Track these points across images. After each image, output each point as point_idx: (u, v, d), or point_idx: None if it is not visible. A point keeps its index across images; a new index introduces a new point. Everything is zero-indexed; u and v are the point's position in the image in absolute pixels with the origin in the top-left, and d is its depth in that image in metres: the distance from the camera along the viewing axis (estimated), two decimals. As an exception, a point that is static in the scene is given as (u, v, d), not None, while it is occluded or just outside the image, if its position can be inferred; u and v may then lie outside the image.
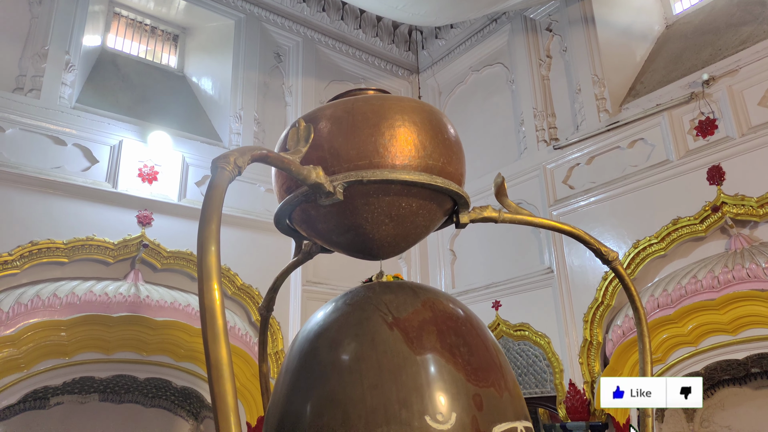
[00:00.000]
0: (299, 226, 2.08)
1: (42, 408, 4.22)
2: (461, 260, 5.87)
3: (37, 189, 4.11)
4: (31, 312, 3.72)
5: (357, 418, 1.56)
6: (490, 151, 5.69)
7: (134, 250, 4.32)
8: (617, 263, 2.09)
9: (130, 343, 3.93)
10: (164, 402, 4.71)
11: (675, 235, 4.10)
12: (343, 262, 5.21)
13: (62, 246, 4.02)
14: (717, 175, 4.03)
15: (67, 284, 3.96)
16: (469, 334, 1.82)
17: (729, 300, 3.63)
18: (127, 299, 4.03)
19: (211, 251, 1.20)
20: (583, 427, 4.24)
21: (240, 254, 4.80)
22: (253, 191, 5.15)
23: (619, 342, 4.15)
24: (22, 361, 3.59)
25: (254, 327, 4.73)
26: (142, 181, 4.55)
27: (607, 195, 4.65)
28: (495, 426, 1.62)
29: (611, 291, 4.37)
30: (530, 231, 5.23)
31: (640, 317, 2.07)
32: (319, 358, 1.76)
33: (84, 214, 4.24)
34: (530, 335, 4.89)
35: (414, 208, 1.91)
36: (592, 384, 4.31)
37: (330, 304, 1.98)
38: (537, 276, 5.03)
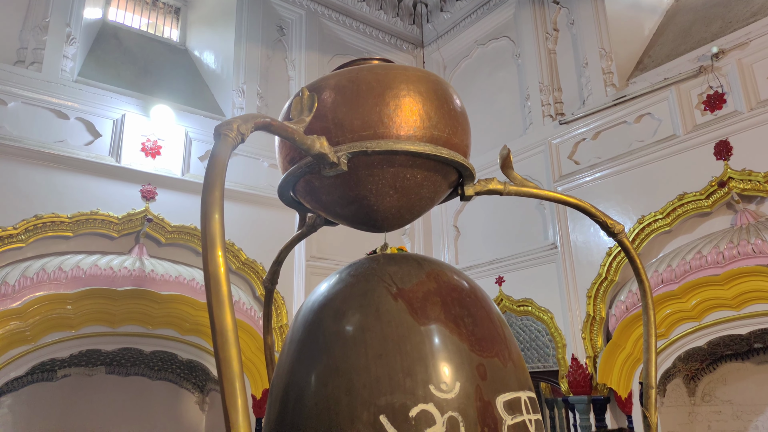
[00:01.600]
0: (303, 198, 2.07)
1: (49, 380, 4.28)
2: (465, 236, 5.87)
3: (40, 163, 4.10)
4: (37, 285, 3.75)
5: (361, 387, 1.57)
6: (495, 127, 5.64)
7: (138, 224, 4.33)
8: (623, 236, 2.07)
9: (136, 317, 3.95)
10: (170, 375, 4.76)
11: (680, 211, 4.08)
12: (346, 237, 5.23)
13: (66, 220, 4.03)
14: (724, 150, 3.99)
15: (72, 258, 3.98)
16: (473, 305, 1.81)
17: (733, 275, 3.63)
18: (132, 273, 4.05)
19: (215, 219, 1.19)
20: (585, 401, 4.27)
21: (244, 229, 4.81)
22: (256, 166, 5.14)
23: (623, 317, 4.16)
24: (29, 334, 3.62)
25: (258, 301, 4.75)
26: (145, 155, 4.54)
27: (612, 170, 4.62)
28: (499, 395, 1.63)
29: (615, 267, 4.37)
30: (534, 207, 5.21)
31: (645, 290, 2.07)
32: (323, 328, 1.76)
33: (88, 188, 4.24)
34: (533, 310, 4.91)
35: (419, 180, 1.89)
36: (595, 359, 4.34)
37: (334, 275, 1.98)
38: (541, 252, 5.02)
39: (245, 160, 5.06)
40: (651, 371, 1.99)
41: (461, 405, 1.56)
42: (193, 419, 4.85)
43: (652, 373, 1.98)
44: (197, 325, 4.18)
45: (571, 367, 4.41)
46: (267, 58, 5.61)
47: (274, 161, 5.14)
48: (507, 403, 1.64)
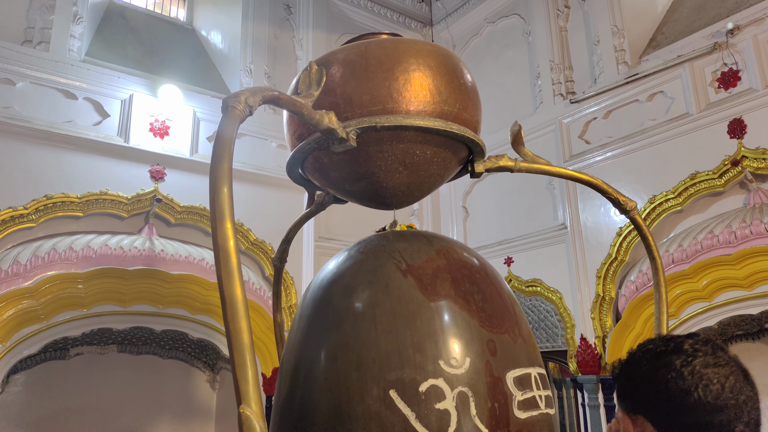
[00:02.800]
0: (312, 175, 2.06)
1: (62, 358, 4.34)
2: (474, 217, 5.85)
3: (49, 143, 4.11)
4: (48, 265, 3.77)
5: (371, 362, 1.57)
6: (505, 106, 5.58)
7: (148, 204, 4.34)
8: (635, 213, 2.05)
9: (146, 296, 3.98)
10: (181, 354, 4.81)
11: (692, 190, 4.04)
12: (355, 217, 5.23)
13: (76, 200, 4.04)
14: (738, 129, 3.93)
15: (83, 238, 4.00)
16: (483, 282, 1.81)
17: (746, 255, 3.59)
18: (142, 253, 4.07)
19: (224, 192, 1.18)
20: (594, 381, 4.28)
21: (253, 210, 4.81)
22: (264, 147, 5.12)
23: (632, 297, 4.14)
24: (41, 313, 3.66)
25: (268, 281, 4.77)
26: (153, 135, 4.53)
27: (623, 150, 4.56)
28: (509, 371, 1.62)
29: (625, 247, 4.34)
30: (544, 188, 5.18)
31: (657, 267, 2.05)
32: (332, 304, 1.76)
33: (97, 168, 4.25)
34: (542, 291, 4.90)
35: (428, 156, 1.88)
36: (604, 339, 4.33)
37: (343, 252, 1.97)
38: (550, 232, 5.00)
39: (253, 141, 5.05)
40: (662, 349, 1.97)
41: (471, 380, 1.56)
42: (203, 397, 4.91)
43: (663, 350, 1.97)
44: (207, 304, 4.21)
45: (579, 347, 4.41)
46: (274, 37, 5.56)
47: (283, 141, 5.12)
48: (517, 378, 1.63)
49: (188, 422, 4.80)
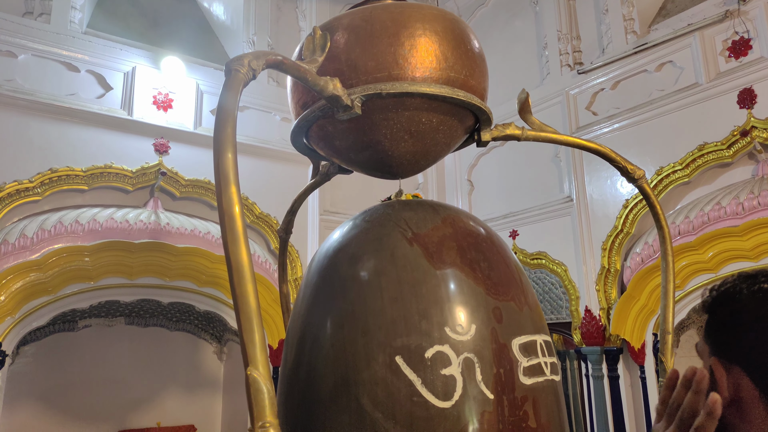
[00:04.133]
0: (316, 145, 2.04)
1: (71, 330, 4.39)
2: (479, 190, 5.83)
3: (53, 116, 4.09)
4: (54, 238, 3.79)
5: (377, 329, 1.58)
6: (511, 77, 5.51)
7: (152, 178, 4.33)
8: (643, 181, 2.03)
9: (153, 269, 4.01)
10: (188, 326, 4.86)
11: (700, 161, 4.00)
12: (360, 190, 5.21)
13: (81, 173, 4.04)
14: (748, 98, 3.87)
15: (89, 211, 4.01)
16: (489, 250, 1.80)
17: (753, 226, 3.57)
18: (148, 226, 4.08)
19: (228, 157, 1.17)
20: (598, 352, 4.30)
21: (257, 184, 4.80)
22: (268, 120, 5.09)
23: (638, 269, 4.13)
24: (49, 285, 3.69)
25: (273, 255, 4.79)
26: (157, 108, 4.51)
27: (631, 121, 4.51)
28: (514, 338, 1.63)
29: (631, 219, 4.32)
30: (550, 160, 5.14)
31: (664, 236, 2.03)
32: (338, 273, 1.76)
33: (101, 141, 4.24)
34: (547, 263, 4.90)
35: (434, 124, 1.85)
36: (608, 310, 4.34)
37: (349, 222, 1.97)
38: (556, 205, 4.98)
39: (257, 114, 5.02)
40: (669, 317, 1.97)
41: (477, 347, 1.56)
42: (211, 368, 4.98)
43: (669, 318, 1.97)
44: (214, 277, 4.23)
45: (584, 319, 4.42)
46: (277, 8, 5.49)
47: (287, 115, 5.09)
48: (522, 345, 1.64)
49: (196, 393, 4.87)
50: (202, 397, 4.89)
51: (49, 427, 4.23)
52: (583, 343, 4.40)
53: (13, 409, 4.11)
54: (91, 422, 4.38)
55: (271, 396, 1.03)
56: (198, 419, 4.82)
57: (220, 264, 4.20)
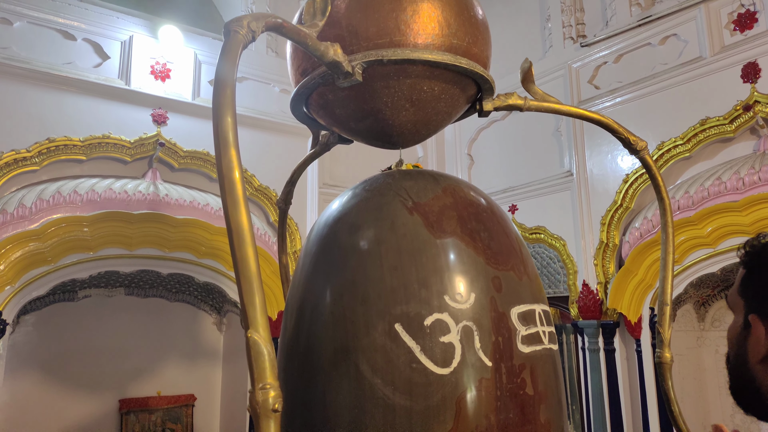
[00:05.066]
0: (316, 113, 2.02)
1: (71, 300, 4.41)
2: (479, 165, 5.81)
3: (50, 85, 4.05)
4: (53, 208, 3.78)
5: (377, 297, 1.58)
6: (513, 51, 5.45)
7: (151, 149, 4.31)
8: (645, 152, 2.02)
9: (152, 240, 4.01)
10: (188, 297, 4.88)
11: (702, 136, 3.98)
12: (361, 163, 5.19)
13: (79, 143, 4.02)
14: (752, 72, 3.83)
15: (87, 182, 3.99)
16: (489, 220, 1.79)
17: (752, 201, 3.57)
18: (147, 197, 4.06)
19: (227, 119, 1.15)
20: (595, 326, 4.33)
21: (256, 156, 4.78)
22: (267, 91, 5.04)
23: (636, 244, 4.14)
24: (48, 255, 3.69)
25: (272, 227, 4.79)
26: (155, 78, 4.46)
27: (634, 95, 4.48)
28: (513, 307, 1.63)
29: (631, 194, 4.32)
30: (551, 134, 5.11)
31: (665, 208, 2.03)
32: (338, 241, 1.76)
33: (98, 111, 4.20)
34: (546, 238, 4.91)
35: (436, 93, 1.83)
36: (606, 285, 4.37)
37: (348, 191, 1.96)
38: (556, 180, 4.97)
39: (256, 85, 4.97)
40: (667, 289, 1.98)
41: (476, 315, 1.57)
42: (211, 339, 5.02)
43: (668, 290, 1.98)
44: (213, 249, 4.24)
45: (581, 293, 4.45)
46: (276, -24, 5.39)
47: (286, 86, 5.04)
48: (521, 314, 1.64)
49: (196, 363, 4.92)
50: (202, 368, 4.94)
51: (51, 395, 4.28)
52: (580, 317, 4.44)
53: (15, 378, 4.15)
54: (92, 391, 4.43)
55: (272, 358, 1.03)
56: (198, 389, 4.88)
57: (219, 236, 4.20)
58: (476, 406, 1.48)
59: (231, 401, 4.83)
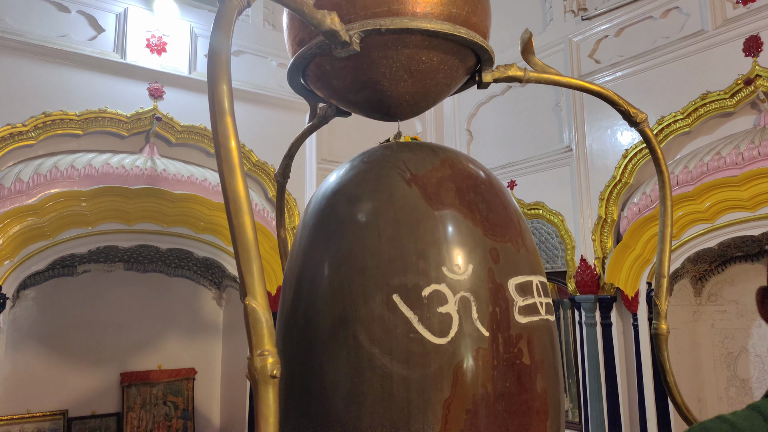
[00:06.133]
0: (313, 85, 2.00)
1: (70, 275, 4.42)
2: (477, 141, 5.78)
3: (44, 58, 4.00)
4: (50, 183, 3.76)
5: (374, 268, 1.59)
6: (513, 24, 5.38)
7: (147, 123, 4.28)
8: (645, 125, 2.01)
9: (150, 215, 4.00)
10: (187, 272, 4.90)
11: (702, 111, 3.95)
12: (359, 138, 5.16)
13: (75, 118, 3.98)
14: (754, 46, 3.79)
15: (84, 156, 3.97)
16: (488, 192, 1.79)
17: (752, 176, 3.56)
18: (144, 172, 4.05)
19: (222, 87, 1.14)
20: (592, 300, 4.36)
21: (253, 131, 4.75)
22: (264, 65, 4.99)
23: (634, 219, 4.15)
24: (47, 230, 3.69)
25: (271, 203, 4.78)
26: (150, 52, 4.40)
27: (634, 69, 4.44)
28: (511, 278, 1.64)
29: (630, 169, 4.31)
30: (551, 109, 5.08)
31: (664, 180, 2.03)
32: (336, 213, 1.76)
33: (94, 85, 4.16)
34: (544, 213, 4.91)
35: (435, 63, 1.81)
36: (603, 260, 4.38)
37: (346, 163, 1.95)
38: (555, 155, 4.95)
39: (252, 59, 4.91)
40: (665, 261, 1.99)
41: (473, 286, 1.57)
42: (210, 314, 5.05)
43: (665, 262, 1.99)
44: (212, 224, 4.23)
45: (579, 268, 4.47)
46: (273, -52, 5.29)
47: (283, 60, 4.99)
48: (519, 285, 1.65)
49: (196, 337, 4.95)
50: (202, 342, 4.98)
51: (53, 369, 4.32)
52: (578, 292, 4.47)
53: (17, 352, 4.18)
54: (93, 364, 4.47)
55: (270, 325, 1.04)
56: (198, 362, 4.92)
57: (218, 211, 4.19)
58: (473, 375, 1.50)
59: (231, 374, 4.88)
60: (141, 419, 4.51)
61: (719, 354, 4.30)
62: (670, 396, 2.04)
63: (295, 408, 1.67)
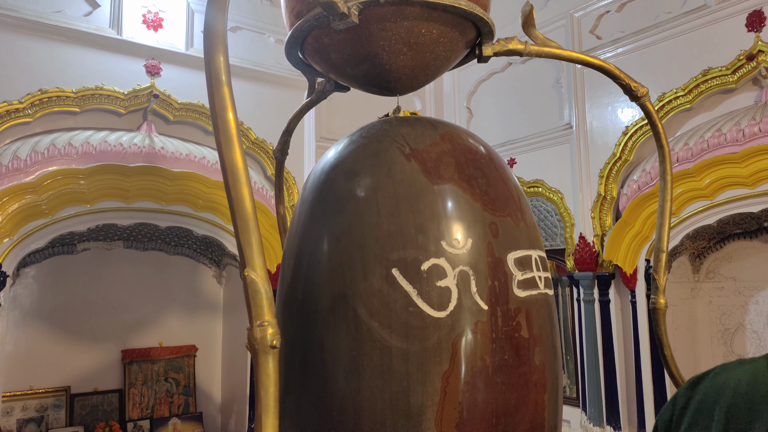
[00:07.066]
0: (312, 58, 1.98)
1: (70, 253, 4.42)
2: (477, 118, 5.75)
3: (39, 34, 3.95)
4: (48, 160, 3.74)
5: (374, 243, 1.58)
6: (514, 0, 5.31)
7: (145, 100, 4.24)
8: (646, 99, 1.99)
9: (149, 193, 3.99)
10: (187, 250, 4.90)
11: (703, 87, 3.92)
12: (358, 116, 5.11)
13: (72, 95, 3.95)
14: (757, 21, 3.75)
15: (81, 134, 3.95)
16: (488, 167, 1.79)
17: (752, 153, 3.55)
18: (143, 150, 4.02)
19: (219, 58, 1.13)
20: (590, 277, 4.38)
21: (251, 108, 4.72)
22: (262, 42, 4.93)
23: (634, 196, 4.14)
24: (46, 208, 3.68)
25: (270, 181, 4.77)
26: (147, 28, 4.35)
27: (636, 45, 4.39)
28: (510, 252, 1.64)
29: (630, 146, 4.29)
30: (551, 86, 5.04)
31: (664, 155, 2.02)
32: (334, 188, 1.75)
33: (90, 62, 4.12)
34: (544, 191, 4.90)
35: (434, 36, 1.79)
36: (602, 237, 4.39)
37: (345, 138, 1.94)
38: (555, 132, 4.93)
39: (250, 35, 4.86)
40: (664, 236, 1.99)
41: (472, 260, 1.58)
42: (211, 292, 5.07)
43: (664, 237, 1.99)
44: (211, 202, 4.23)
45: (578, 245, 4.48)
46: None
47: (281, 36, 4.94)
48: (518, 260, 1.65)
49: (197, 315, 4.98)
50: (203, 320, 5.01)
51: (54, 346, 4.35)
52: (576, 269, 4.48)
53: (18, 329, 4.20)
54: (94, 342, 4.50)
55: (269, 297, 1.04)
56: (199, 340, 4.96)
57: (217, 189, 4.18)
58: (472, 348, 1.51)
59: (232, 352, 4.91)
60: (143, 395, 4.56)
61: (716, 330, 4.33)
62: (667, 370, 2.05)
63: (295, 382, 1.68)
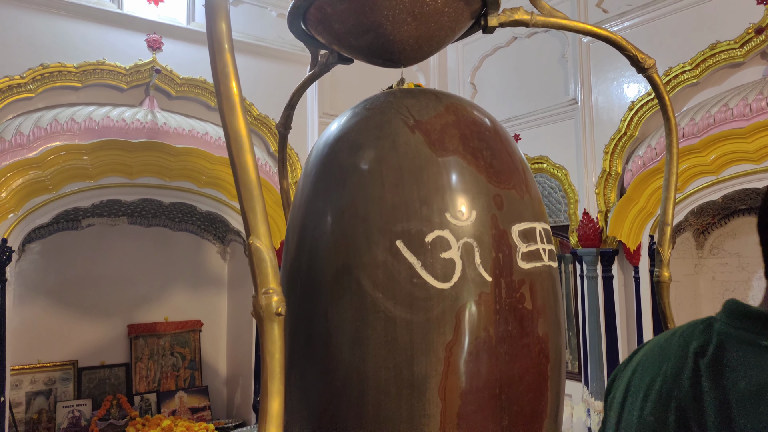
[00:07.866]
0: (314, 29, 1.95)
1: (74, 229, 4.44)
2: (482, 94, 5.70)
3: (39, 8, 3.91)
4: (51, 136, 3.74)
5: (377, 215, 1.58)
6: (519, -28, 5.23)
7: (147, 76, 4.21)
8: (653, 71, 1.97)
9: (153, 169, 3.98)
10: (191, 226, 4.91)
11: (711, 61, 3.87)
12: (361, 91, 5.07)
13: (74, 70, 3.93)
14: (768, -7, 3.68)
15: (84, 109, 3.93)
16: (492, 139, 1.77)
17: (759, 128, 3.51)
18: (145, 126, 4.01)
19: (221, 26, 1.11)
20: (594, 253, 4.38)
21: (254, 84, 4.68)
22: (263, 16, 4.88)
23: (639, 172, 4.12)
24: (49, 183, 3.68)
25: (273, 158, 4.76)
26: (147, 2, 4.31)
27: (643, 19, 4.32)
28: (514, 224, 1.64)
29: (636, 121, 4.25)
30: (557, 61, 4.98)
31: (671, 128, 2.00)
32: (338, 160, 1.75)
33: (91, 36, 4.08)
34: (548, 167, 4.88)
35: (439, 6, 1.77)
36: (606, 213, 4.38)
37: (348, 111, 1.93)
38: (560, 108, 4.88)
39: (251, 9, 4.81)
40: (669, 209, 1.98)
41: (476, 232, 1.57)
42: (215, 267, 5.09)
43: (669, 210, 1.98)
44: (214, 178, 4.22)
45: (582, 221, 4.47)
46: None
47: (283, 10, 4.87)
48: (522, 232, 1.65)
49: (201, 290, 5.01)
50: (208, 295, 5.05)
51: (60, 321, 4.39)
52: (580, 245, 4.48)
53: (24, 304, 4.24)
54: (100, 317, 4.54)
55: (274, 264, 1.04)
56: (204, 315, 5.00)
57: (220, 165, 4.18)
58: (476, 319, 1.51)
59: (237, 327, 4.96)
60: (149, 369, 4.61)
61: (719, 307, 4.32)
62: (670, 343, 2.06)
63: (300, 354, 1.70)
